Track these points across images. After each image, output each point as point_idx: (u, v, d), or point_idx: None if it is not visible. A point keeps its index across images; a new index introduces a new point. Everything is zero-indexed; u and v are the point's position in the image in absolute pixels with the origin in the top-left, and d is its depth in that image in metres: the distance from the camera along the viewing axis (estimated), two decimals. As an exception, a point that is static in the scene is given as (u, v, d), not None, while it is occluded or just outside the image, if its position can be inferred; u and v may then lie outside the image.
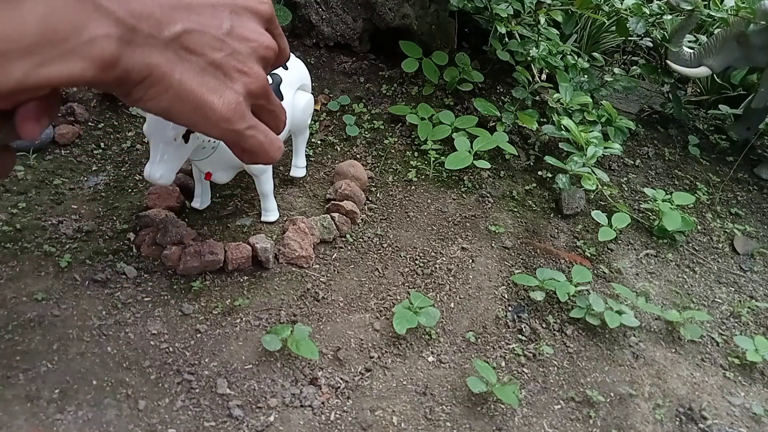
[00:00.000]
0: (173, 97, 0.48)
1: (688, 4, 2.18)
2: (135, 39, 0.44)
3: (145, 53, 0.45)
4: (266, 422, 1.23)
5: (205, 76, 0.49)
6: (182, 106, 0.48)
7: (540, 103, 2.25)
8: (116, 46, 0.42)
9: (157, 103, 0.48)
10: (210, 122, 0.50)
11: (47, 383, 1.21)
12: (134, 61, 0.44)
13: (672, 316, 1.65)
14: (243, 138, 0.53)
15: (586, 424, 1.39)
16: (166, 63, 0.46)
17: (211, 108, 0.49)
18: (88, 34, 0.41)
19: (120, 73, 0.44)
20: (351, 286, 1.58)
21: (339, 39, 2.33)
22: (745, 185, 2.39)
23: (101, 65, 0.42)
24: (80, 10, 0.40)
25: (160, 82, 0.46)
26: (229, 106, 0.50)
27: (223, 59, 0.49)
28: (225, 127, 0.51)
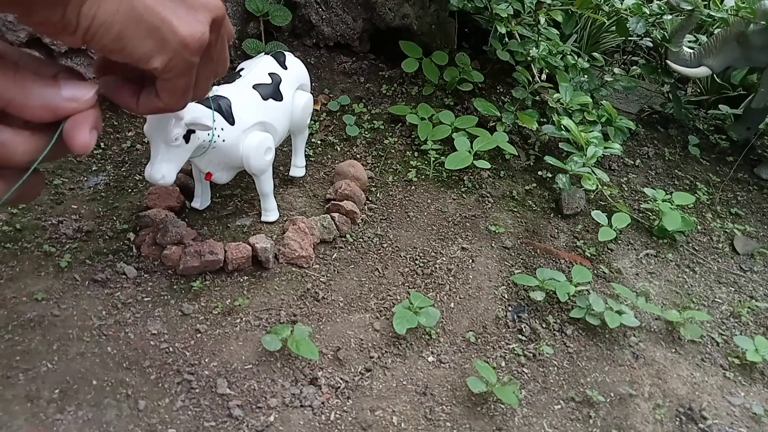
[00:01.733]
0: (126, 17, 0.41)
1: (688, 4, 2.18)
2: None
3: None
4: (266, 422, 1.23)
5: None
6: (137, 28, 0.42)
7: (540, 103, 2.25)
8: None
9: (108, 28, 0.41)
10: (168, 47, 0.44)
11: (47, 383, 1.21)
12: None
13: (672, 316, 1.65)
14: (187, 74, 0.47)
15: (586, 424, 1.39)
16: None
17: (171, 29, 0.43)
18: None
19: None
20: (351, 286, 1.58)
21: (339, 39, 2.33)
22: (745, 185, 2.39)
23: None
24: None
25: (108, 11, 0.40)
26: (192, 32, 0.44)
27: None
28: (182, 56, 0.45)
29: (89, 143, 0.43)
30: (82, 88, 0.44)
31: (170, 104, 0.49)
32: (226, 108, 1.44)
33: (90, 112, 0.44)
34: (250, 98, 1.52)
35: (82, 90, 0.44)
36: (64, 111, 0.43)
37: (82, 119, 0.43)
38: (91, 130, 0.44)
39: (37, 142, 0.43)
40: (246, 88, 1.53)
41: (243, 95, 1.50)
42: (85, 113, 0.44)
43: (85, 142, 0.43)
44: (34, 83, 0.42)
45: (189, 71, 0.47)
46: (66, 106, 0.43)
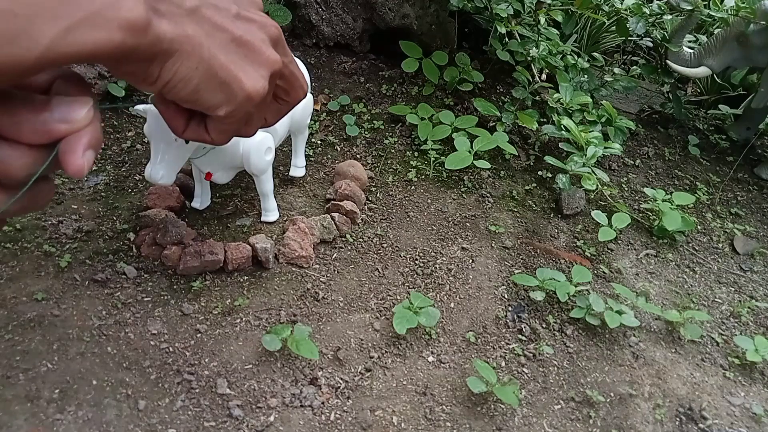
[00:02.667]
0: (203, 74, 0.45)
1: (688, 4, 2.18)
2: (159, 7, 0.42)
3: (173, 23, 0.43)
4: (266, 422, 1.23)
5: (229, 53, 0.47)
6: (211, 83, 0.46)
7: (540, 103, 2.25)
8: (143, 9, 0.40)
9: (186, 82, 0.45)
10: (235, 100, 0.48)
11: (47, 383, 1.21)
12: (164, 29, 0.42)
13: (672, 316, 1.65)
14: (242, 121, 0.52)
15: (586, 424, 1.39)
16: (196, 35, 0.44)
17: (239, 85, 0.47)
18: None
19: (149, 41, 0.41)
20: (351, 286, 1.58)
21: (339, 39, 2.33)
22: (745, 185, 2.39)
23: (130, 30, 0.40)
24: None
25: (191, 56, 0.44)
26: (255, 87, 0.48)
27: (245, 36, 0.48)
28: (246, 107, 0.49)
29: (83, 167, 0.43)
30: (75, 108, 0.43)
31: (217, 141, 0.52)
32: (226, 108, 1.44)
33: (85, 132, 0.43)
34: (250, 98, 1.52)
35: (75, 111, 0.43)
36: (57, 134, 0.42)
37: (75, 141, 0.43)
38: (85, 151, 0.43)
39: (35, 157, 0.43)
40: (246, 88, 1.53)
41: (243, 95, 1.50)
42: (79, 134, 0.43)
43: (78, 166, 0.42)
44: (24, 110, 0.42)
45: (245, 119, 0.51)
46: (58, 129, 0.42)
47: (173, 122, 0.51)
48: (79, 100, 0.44)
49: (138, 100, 1.94)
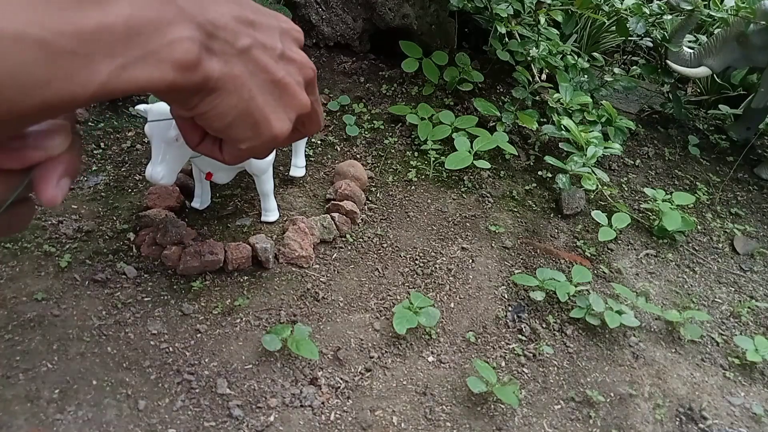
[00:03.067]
0: (241, 112, 0.46)
1: (688, 4, 2.18)
2: (213, 46, 0.43)
3: (222, 62, 0.44)
4: (266, 422, 1.23)
5: (266, 93, 0.48)
6: (244, 121, 0.47)
7: (540, 103, 2.25)
8: (198, 49, 0.41)
9: (223, 117, 0.46)
10: (259, 139, 0.49)
11: (47, 383, 1.21)
12: (213, 68, 0.43)
13: (672, 316, 1.65)
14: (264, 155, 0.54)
15: (586, 424, 1.39)
16: (242, 75, 0.45)
17: (268, 127, 0.49)
18: (170, 36, 0.40)
19: (199, 79, 0.42)
20: (351, 286, 1.58)
21: (339, 39, 2.33)
22: (745, 185, 2.39)
23: (182, 68, 0.40)
24: (164, 12, 0.40)
25: (233, 95, 0.45)
26: (282, 129, 0.50)
27: (285, 79, 0.49)
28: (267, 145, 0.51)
29: (57, 197, 0.41)
30: (51, 135, 0.42)
31: (228, 162, 0.53)
32: (226, 108, 1.44)
33: (60, 159, 0.42)
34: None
35: (50, 138, 0.42)
36: (30, 161, 0.41)
37: (50, 169, 0.41)
38: (60, 179, 0.42)
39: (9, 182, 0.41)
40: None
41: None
42: (54, 162, 0.42)
43: (51, 196, 0.41)
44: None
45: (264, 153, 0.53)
46: (32, 156, 0.41)
47: (189, 136, 0.52)
48: (56, 126, 0.42)
49: (138, 100, 1.94)
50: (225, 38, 0.44)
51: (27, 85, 0.34)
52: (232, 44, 0.44)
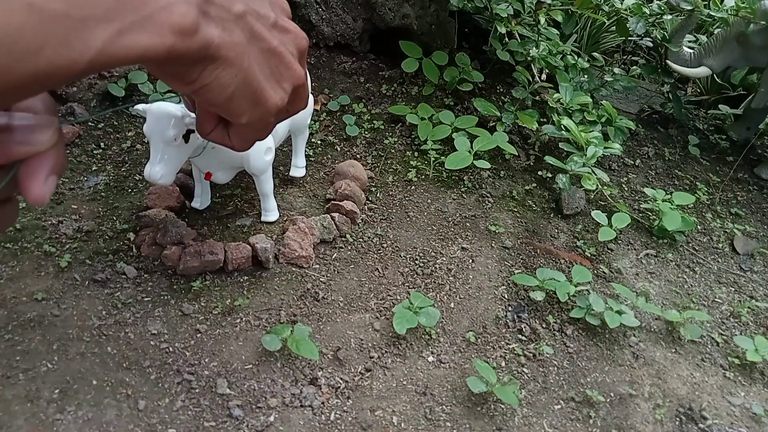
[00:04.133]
0: (240, 82, 0.45)
1: (688, 4, 2.18)
2: (209, 11, 0.42)
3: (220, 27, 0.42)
4: (266, 422, 1.23)
5: (262, 63, 0.47)
6: (244, 92, 0.46)
7: (540, 103, 2.25)
8: (195, 13, 0.40)
9: (224, 88, 0.44)
10: (258, 111, 0.48)
11: (47, 383, 1.21)
12: (212, 33, 0.41)
13: (672, 316, 1.65)
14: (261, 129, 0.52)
15: (586, 424, 1.39)
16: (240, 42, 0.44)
17: (264, 96, 0.48)
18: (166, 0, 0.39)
19: (199, 45, 0.41)
20: (351, 286, 1.58)
21: (339, 39, 2.33)
22: (745, 185, 2.39)
23: (181, 33, 0.39)
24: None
25: (233, 63, 0.44)
26: (278, 100, 0.49)
27: (279, 48, 0.48)
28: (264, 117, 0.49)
29: (44, 194, 0.40)
30: (38, 129, 0.40)
31: (237, 147, 0.53)
32: (226, 108, 1.44)
33: (47, 155, 0.40)
34: (250, 98, 1.51)
35: (38, 132, 0.40)
36: (16, 156, 0.39)
37: (37, 166, 0.40)
38: (47, 177, 0.40)
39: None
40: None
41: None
42: (40, 158, 0.40)
43: (39, 194, 0.39)
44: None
45: (264, 128, 0.52)
46: (18, 151, 0.39)
47: (204, 123, 0.52)
48: (44, 120, 0.40)
49: (138, 100, 1.94)
50: (221, 3, 0.42)
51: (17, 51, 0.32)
52: (228, 9, 0.43)
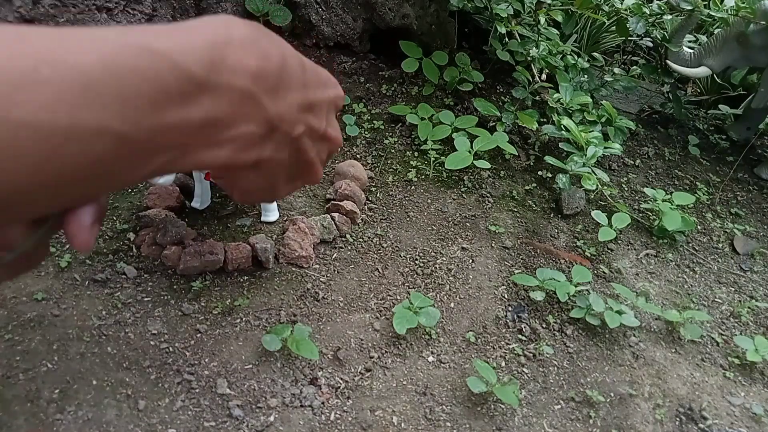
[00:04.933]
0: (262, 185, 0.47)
1: (688, 4, 2.18)
2: (273, 136, 0.44)
3: (274, 148, 0.45)
4: (266, 422, 1.23)
5: (292, 167, 0.49)
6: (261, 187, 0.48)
7: (540, 103, 2.25)
8: (258, 140, 0.42)
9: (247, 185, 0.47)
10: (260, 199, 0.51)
11: (47, 383, 1.21)
12: (264, 154, 0.44)
13: (672, 316, 1.65)
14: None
15: (586, 424, 1.39)
16: (284, 160, 0.46)
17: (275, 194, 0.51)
18: (238, 131, 0.41)
19: (248, 162, 0.43)
20: (351, 286, 1.58)
21: (339, 39, 2.33)
22: (745, 185, 2.39)
23: (237, 153, 0.41)
24: (240, 108, 0.40)
25: (268, 174, 0.46)
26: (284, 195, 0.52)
27: (312, 159, 0.50)
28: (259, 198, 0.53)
29: (90, 241, 0.39)
30: None
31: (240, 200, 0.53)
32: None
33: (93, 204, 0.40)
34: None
35: None
36: None
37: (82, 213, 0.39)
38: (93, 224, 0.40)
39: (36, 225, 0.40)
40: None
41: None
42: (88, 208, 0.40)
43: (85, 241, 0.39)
44: None
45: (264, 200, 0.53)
46: None
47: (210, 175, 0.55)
48: None
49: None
50: (285, 130, 0.44)
51: (101, 176, 0.34)
52: (288, 134, 0.45)
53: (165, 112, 0.35)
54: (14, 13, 1.69)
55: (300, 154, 0.48)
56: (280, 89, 0.43)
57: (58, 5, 1.74)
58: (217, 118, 0.39)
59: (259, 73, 0.41)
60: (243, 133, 0.41)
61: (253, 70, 0.40)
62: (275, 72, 0.42)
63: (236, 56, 0.39)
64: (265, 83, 0.42)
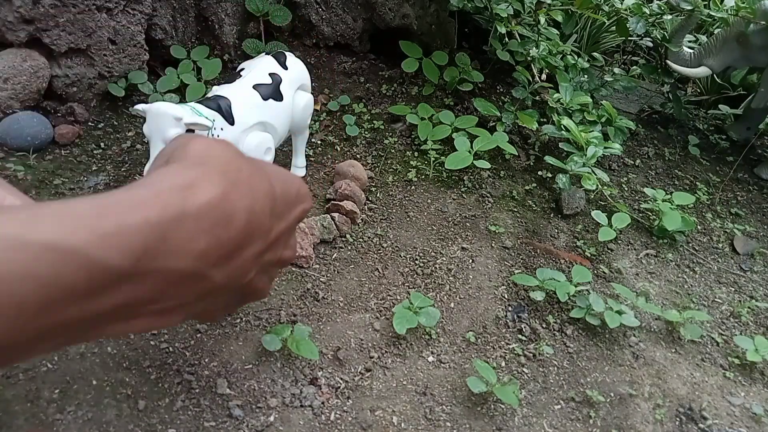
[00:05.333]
0: (201, 311, 0.44)
1: (688, 4, 2.18)
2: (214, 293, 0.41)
3: (212, 300, 0.43)
4: (266, 422, 1.23)
5: (235, 298, 0.48)
6: (196, 310, 0.44)
7: (540, 103, 2.25)
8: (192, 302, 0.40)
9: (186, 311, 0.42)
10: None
11: (47, 383, 1.21)
12: (199, 308, 0.42)
13: (672, 316, 1.65)
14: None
15: (586, 424, 1.39)
16: (224, 300, 0.45)
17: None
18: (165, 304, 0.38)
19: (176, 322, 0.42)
20: (351, 286, 1.58)
21: (339, 39, 2.33)
22: (745, 185, 2.39)
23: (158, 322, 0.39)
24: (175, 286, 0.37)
25: (202, 311, 0.44)
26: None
27: (262, 287, 0.49)
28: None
29: None
30: None
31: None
32: (226, 108, 1.44)
33: None
34: (250, 98, 1.52)
35: None
36: None
37: None
38: None
39: None
40: (246, 88, 1.53)
41: (243, 95, 1.50)
42: None
43: None
44: None
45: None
46: None
47: None
48: None
49: (138, 100, 1.94)
50: (233, 284, 0.42)
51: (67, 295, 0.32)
52: (237, 283, 0.43)
53: (63, 309, 0.32)
54: (14, 13, 1.69)
55: (246, 289, 0.46)
56: (236, 252, 0.40)
57: (58, 5, 1.74)
58: (137, 300, 0.35)
59: (208, 250, 0.37)
60: (170, 306, 0.37)
61: (200, 249, 0.37)
62: (234, 239, 0.39)
63: (182, 235, 0.35)
64: (215, 257, 0.38)
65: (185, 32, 2.12)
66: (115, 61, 1.90)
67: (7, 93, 1.73)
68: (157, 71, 2.07)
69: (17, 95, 1.74)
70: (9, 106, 1.74)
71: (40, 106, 1.82)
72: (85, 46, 1.82)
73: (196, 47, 2.10)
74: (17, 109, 1.76)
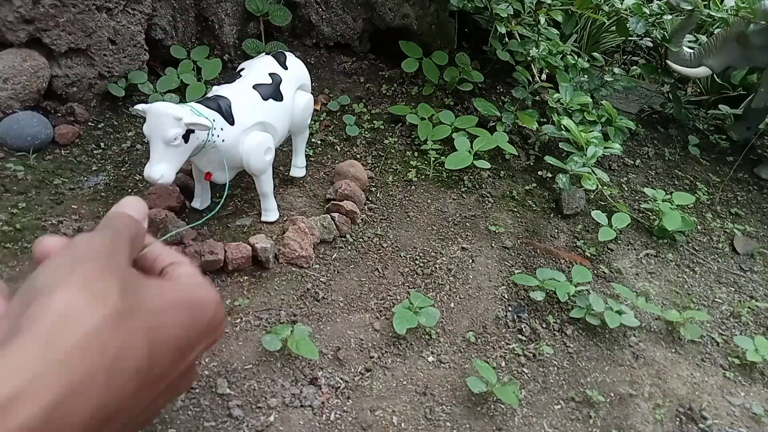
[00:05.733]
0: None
1: (688, 4, 2.18)
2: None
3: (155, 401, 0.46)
4: (266, 422, 1.23)
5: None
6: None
7: (540, 103, 2.25)
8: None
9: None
10: None
11: (47, 383, 1.21)
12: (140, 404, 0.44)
13: (672, 316, 1.65)
14: None
15: (586, 424, 1.39)
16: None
17: None
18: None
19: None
20: (351, 286, 1.58)
21: (339, 39, 2.33)
22: (745, 185, 2.39)
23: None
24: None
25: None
26: None
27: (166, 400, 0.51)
28: None
29: None
30: None
31: None
32: (226, 108, 1.44)
33: None
34: (250, 98, 1.52)
35: None
36: None
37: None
38: None
39: None
40: (246, 88, 1.53)
41: (243, 95, 1.50)
42: None
43: None
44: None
45: None
46: None
47: None
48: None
49: (138, 100, 1.94)
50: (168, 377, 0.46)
51: None
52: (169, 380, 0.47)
53: None
54: (14, 13, 1.69)
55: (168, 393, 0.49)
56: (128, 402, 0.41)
57: (58, 5, 1.74)
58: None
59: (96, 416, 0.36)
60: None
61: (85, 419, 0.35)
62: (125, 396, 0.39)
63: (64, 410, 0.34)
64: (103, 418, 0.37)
65: (185, 32, 2.12)
66: (115, 61, 1.90)
67: (7, 93, 1.73)
68: (157, 71, 2.07)
69: (17, 95, 1.74)
70: (9, 106, 1.74)
71: (40, 106, 1.82)
72: (85, 46, 1.82)
73: (196, 47, 2.10)
74: (17, 109, 1.76)
